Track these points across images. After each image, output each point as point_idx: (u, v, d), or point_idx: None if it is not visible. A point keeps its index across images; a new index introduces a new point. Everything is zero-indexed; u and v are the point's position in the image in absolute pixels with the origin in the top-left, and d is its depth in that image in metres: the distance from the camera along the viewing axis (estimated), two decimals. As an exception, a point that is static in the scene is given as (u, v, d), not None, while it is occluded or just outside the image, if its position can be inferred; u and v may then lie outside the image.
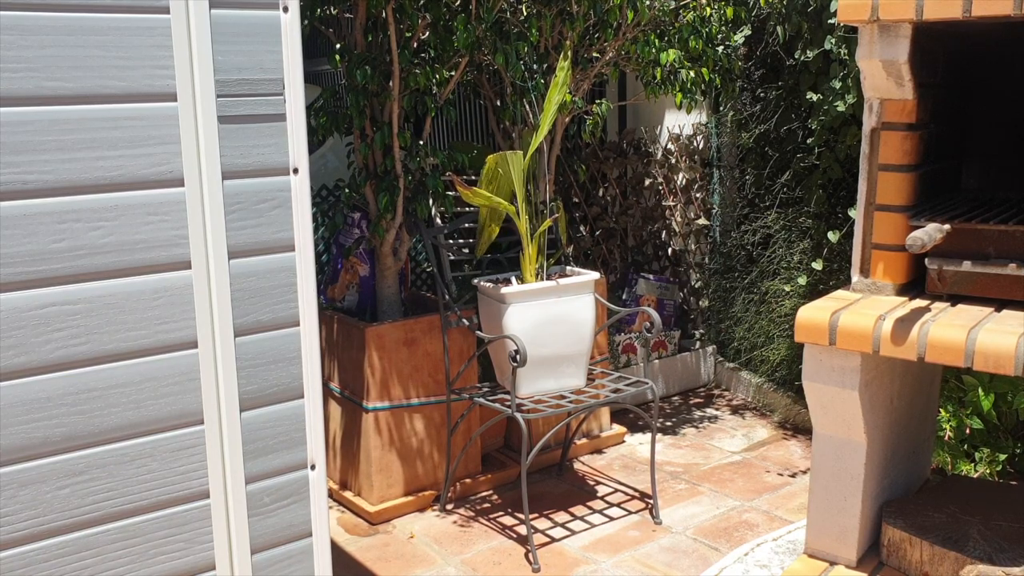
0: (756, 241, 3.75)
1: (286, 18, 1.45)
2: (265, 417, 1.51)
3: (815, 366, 2.00)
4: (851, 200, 3.28)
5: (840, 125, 3.23)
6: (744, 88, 3.70)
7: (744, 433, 3.60)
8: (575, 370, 2.83)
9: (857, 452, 2.04)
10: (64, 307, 1.32)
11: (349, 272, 3.10)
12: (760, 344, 3.73)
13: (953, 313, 1.92)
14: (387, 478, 2.92)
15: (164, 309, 1.39)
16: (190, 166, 1.39)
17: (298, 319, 1.52)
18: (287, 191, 1.48)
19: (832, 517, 2.11)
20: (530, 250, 2.80)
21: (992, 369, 1.75)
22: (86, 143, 1.31)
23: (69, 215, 1.31)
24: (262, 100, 1.44)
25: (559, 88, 2.72)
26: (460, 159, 3.02)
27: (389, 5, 2.65)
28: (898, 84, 1.98)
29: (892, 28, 1.93)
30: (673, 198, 4.18)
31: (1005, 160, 2.33)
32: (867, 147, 2.07)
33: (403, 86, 2.77)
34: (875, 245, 2.08)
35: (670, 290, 4.10)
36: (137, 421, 1.39)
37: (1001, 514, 2.15)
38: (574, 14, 2.95)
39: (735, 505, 2.97)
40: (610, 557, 2.65)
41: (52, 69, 1.27)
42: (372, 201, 2.92)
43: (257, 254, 1.46)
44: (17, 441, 1.31)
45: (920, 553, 2.05)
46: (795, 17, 3.26)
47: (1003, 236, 1.91)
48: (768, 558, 2.47)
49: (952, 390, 2.92)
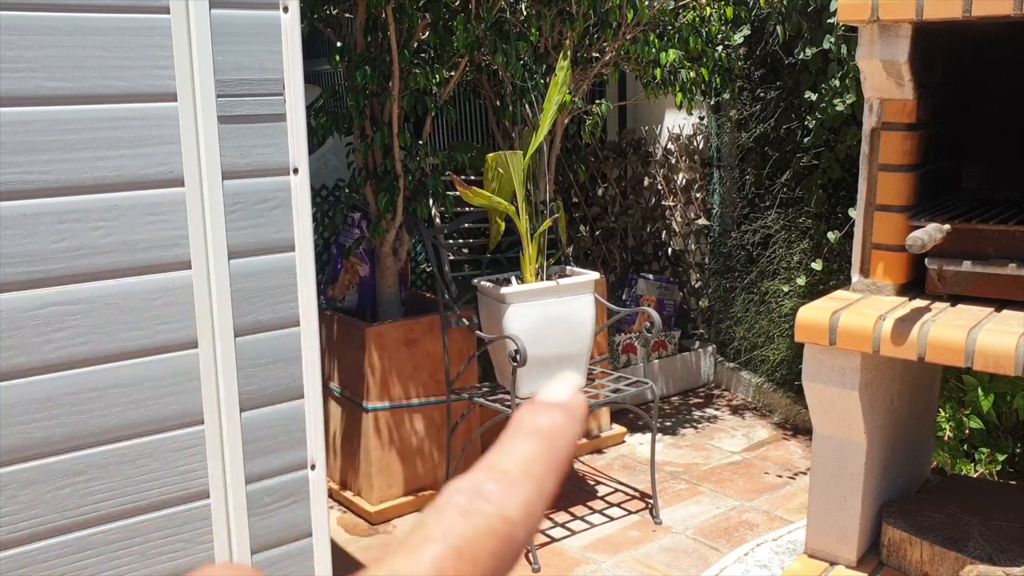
0: (756, 241, 3.75)
1: (286, 18, 1.45)
2: (265, 417, 1.51)
3: (815, 366, 2.00)
4: (851, 200, 3.28)
5: (840, 125, 3.23)
6: (744, 88, 3.70)
7: (744, 433, 3.60)
8: (575, 370, 2.83)
9: (857, 452, 2.04)
10: (64, 307, 1.32)
11: (349, 272, 3.10)
12: (760, 344, 3.73)
13: (953, 313, 1.92)
14: (387, 478, 2.92)
15: (164, 309, 1.39)
16: (190, 166, 1.39)
17: (298, 319, 1.52)
18: (287, 191, 1.48)
19: (832, 517, 2.11)
20: (530, 250, 2.80)
21: (992, 369, 1.75)
22: (86, 143, 1.31)
23: (69, 215, 1.31)
24: (262, 100, 1.44)
25: (559, 88, 2.72)
26: (460, 159, 3.02)
27: (389, 5, 2.65)
28: (898, 84, 1.98)
29: (892, 28, 1.93)
30: (673, 198, 4.18)
31: (1005, 160, 2.33)
32: (867, 147, 2.07)
33: (403, 86, 2.77)
34: (875, 245, 2.08)
35: (670, 290, 4.10)
36: (137, 421, 1.39)
37: (1001, 514, 2.15)
38: (574, 14, 2.95)
39: (735, 505, 2.97)
40: (610, 557, 2.65)
41: (52, 69, 1.27)
42: (372, 201, 2.92)
43: (257, 254, 1.46)
44: (17, 441, 1.30)
45: (920, 553, 2.05)
46: (795, 17, 3.26)
47: (1003, 236, 1.91)
48: (768, 558, 2.47)
49: (952, 390, 2.92)
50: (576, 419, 0.25)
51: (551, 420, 0.25)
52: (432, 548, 0.21)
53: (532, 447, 0.24)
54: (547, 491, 0.24)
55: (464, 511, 0.22)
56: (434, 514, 0.22)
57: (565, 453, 0.24)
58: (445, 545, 0.21)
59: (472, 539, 0.22)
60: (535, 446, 0.24)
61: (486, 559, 0.22)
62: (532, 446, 0.24)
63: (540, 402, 0.26)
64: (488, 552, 0.22)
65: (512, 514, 0.23)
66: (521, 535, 0.22)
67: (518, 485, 0.23)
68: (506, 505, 0.23)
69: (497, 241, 2.97)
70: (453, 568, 0.21)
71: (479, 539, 0.22)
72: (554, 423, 0.25)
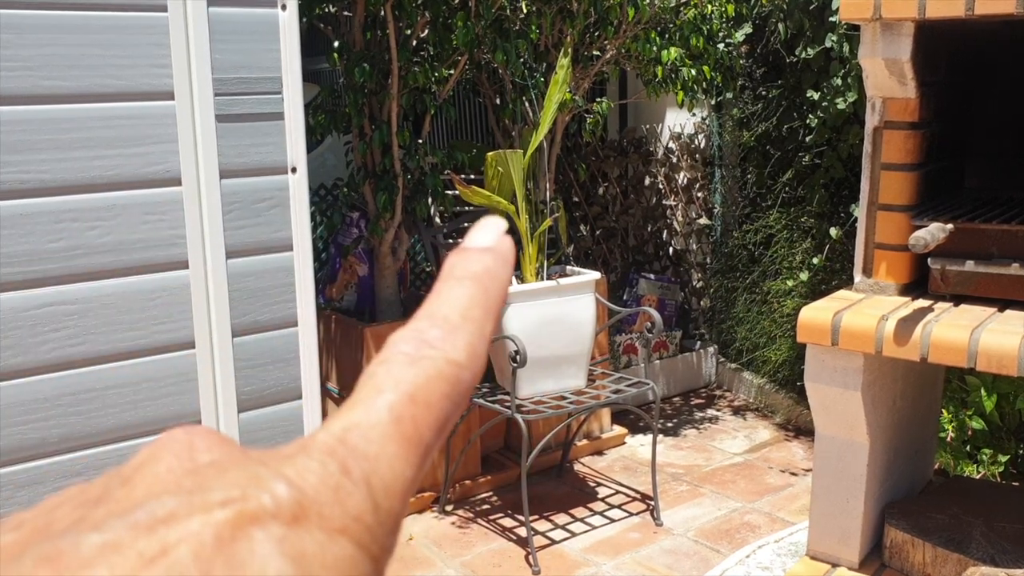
0: (758, 241, 3.74)
1: (284, 16, 1.44)
2: (263, 418, 1.50)
3: (817, 367, 1.99)
4: (853, 199, 3.27)
5: (842, 124, 3.22)
6: (745, 86, 3.69)
7: (746, 434, 3.59)
8: (575, 371, 2.82)
9: (860, 453, 2.03)
10: (61, 307, 1.31)
11: (347, 272, 3.09)
12: (762, 344, 3.72)
13: (956, 313, 1.91)
14: (387, 478, 2.91)
15: (161, 309, 1.38)
16: (188, 165, 1.38)
17: (296, 319, 1.51)
18: (285, 190, 1.47)
19: (834, 519, 2.10)
20: (530, 249, 2.79)
21: (995, 370, 1.74)
22: (83, 142, 1.30)
23: (66, 214, 1.30)
24: (260, 99, 1.43)
25: (559, 86, 2.71)
26: (459, 158, 3.00)
27: (388, 3, 2.64)
28: (900, 83, 1.97)
29: (895, 26, 1.92)
30: (674, 197, 4.17)
31: (1008, 159, 2.32)
32: (869, 146, 2.06)
33: (402, 84, 2.76)
34: (878, 245, 2.07)
35: (671, 290, 4.08)
36: (135, 422, 1.38)
37: (1004, 515, 2.14)
38: (574, 11, 2.94)
39: (737, 507, 2.96)
40: (611, 559, 2.64)
41: (49, 68, 1.26)
42: (371, 200, 2.91)
43: (255, 254, 1.45)
44: (15, 442, 1.29)
45: (923, 555, 2.04)
46: (797, 14, 3.25)
47: (1006, 236, 1.90)
48: (770, 560, 2.46)
49: (954, 391, 2.91)
50: (506, 261, 0.26)
51: (482, 264, 0.26)
52: (386, 397, 0.22)
53: (467, 292, 0.25)
54: (487, 332, 0.25)
55: (412, 359, 0.23)
56: (382, 365, 0.23)
57: (499, 295, 0.26)
58: (398, 392, 0.22)
59: (423, 384, 0.23)
60: (470, 290, 0.25)
61: (438, 401, 0.23)
62: (467, 291, 0.25)
63: (469, 248, 0.27)
64: (440, 395, 0.23)
65: (457, 357, 0.24)
66: (467, 376, 0.24)
67: (460, 329, 0.24)
68: (450, 349, 0.24)
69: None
70: (409, 413, 0.22)
71: (430, 384, 0.23)
72: (485, 267, 0.26)
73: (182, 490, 0.19)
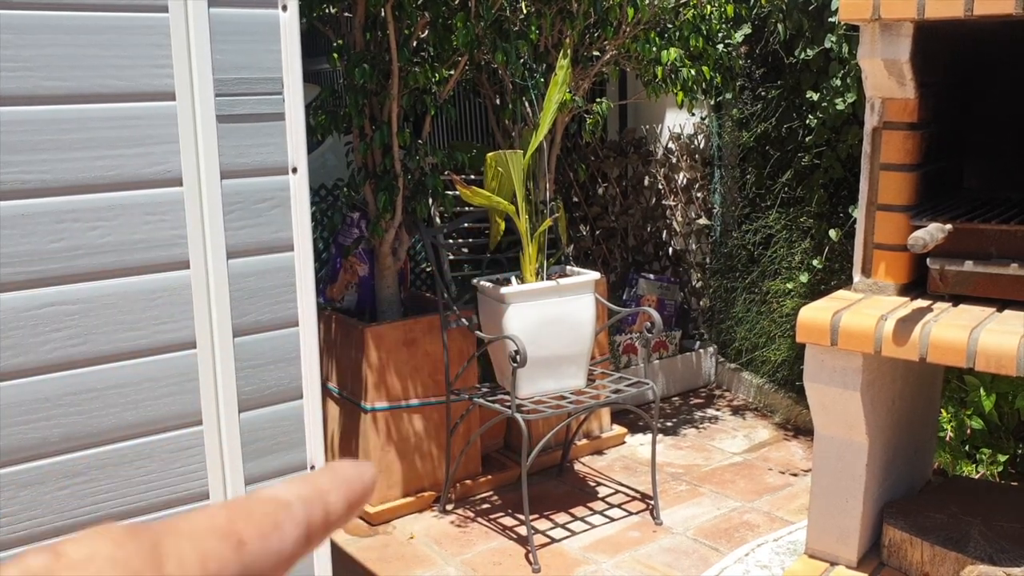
0: (757, 241, 3.75)
1: (285, 17, 1.44)
2: (264, 418, 1.50)
3: (816, 367, 1.99)
4: (852, 199, 3.28)
5: (841, 124, 3.23)
6: (745, 87, 3.70)
7: (745, 434, 3.59)
8: (575, 370, 2.82)
9: (859, 453, 2.04)
10: (62, 307, 1.31)
11: (348, 272, 3.10)
12: (761, 344, 3.72)
13: (955, 313, 1.91)
14: (387, 479, 2.91)
15: (163, 309, 1.38)
16: (188, 165, 1.38)
17: (297, 319, 1.51)
18: (286, 190, 1.47)
19: (833, 518, 2.10)
20: (530, 250, 2.79)
21: (994, 369, 1.74)
22: (84, 142, 1.30)
23: (67, 215, 1.30)
24: (261, 99, 1.43)
25: (559, 87, 2.72)
26: (460, 158, 3.01)
27: (388, 3, 2.65)
28: (900, 83, 1.97)
29: (894, 27, 1.92)
30: (674, 197, 4.17)
31: (1007, 160, 2.32)
32: (868, 146, 2.06)
33: (402, 85, 2.77)
34: (877, 245, 2.07)
35: (671, 290, 4.09)
36: (136, 422, 1.39)
37: (1002, 515, 2.14)
38: (574, 12, 2.94)
39: (736, 506, 2.96)
40: (610, 558, 2.64)
41: (50, 68, 1.27)
42: (371, 200, 2.91)
43: (256, 254, 1.46)
44: (16, 442, 1.30)
45: (921, 554, 2.05)
46: (796, 15, 3.25)
47: (1005, 236, 1.90)
48: (769, 559, 2.46)
49: (953, 390, 2.92)
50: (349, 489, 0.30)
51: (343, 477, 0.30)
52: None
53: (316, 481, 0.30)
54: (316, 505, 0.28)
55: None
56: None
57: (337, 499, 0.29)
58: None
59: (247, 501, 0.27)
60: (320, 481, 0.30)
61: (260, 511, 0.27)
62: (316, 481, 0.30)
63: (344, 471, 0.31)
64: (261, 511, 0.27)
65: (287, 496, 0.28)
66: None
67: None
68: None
69: (497, 241, 2.96)
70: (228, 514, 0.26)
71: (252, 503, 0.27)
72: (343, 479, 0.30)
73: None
